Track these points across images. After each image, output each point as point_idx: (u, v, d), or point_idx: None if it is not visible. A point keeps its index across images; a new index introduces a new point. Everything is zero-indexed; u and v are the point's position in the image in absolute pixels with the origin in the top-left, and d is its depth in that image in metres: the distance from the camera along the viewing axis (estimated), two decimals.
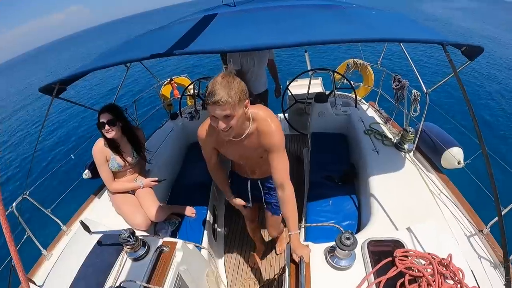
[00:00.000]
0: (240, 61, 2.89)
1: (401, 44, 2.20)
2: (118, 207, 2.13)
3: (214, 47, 1.37)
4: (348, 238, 1.27)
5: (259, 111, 1.38)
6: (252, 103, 1.35)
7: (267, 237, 2.62)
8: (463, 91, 1.21)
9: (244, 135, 1.39)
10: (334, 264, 1.34)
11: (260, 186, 1.82)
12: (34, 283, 1.64)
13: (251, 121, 1.37)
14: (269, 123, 1.36)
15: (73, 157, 2.48)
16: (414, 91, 2.31)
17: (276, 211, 1.88)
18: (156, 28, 2.36)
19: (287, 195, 1.44)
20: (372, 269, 1.28)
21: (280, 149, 1.39)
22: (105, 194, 2.33)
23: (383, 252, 1.35)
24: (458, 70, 1.38)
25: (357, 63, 4.54)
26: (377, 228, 1.67)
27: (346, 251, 1.28)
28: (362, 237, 1.43)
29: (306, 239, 1.86)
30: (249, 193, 1.86)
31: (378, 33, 1.45)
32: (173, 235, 2.22)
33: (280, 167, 1.42)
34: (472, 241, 1.55)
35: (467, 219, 1.65)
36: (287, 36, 1.42)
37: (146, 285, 1.42)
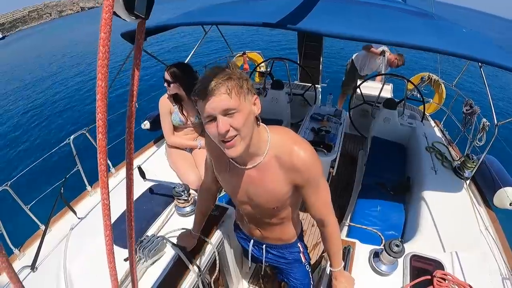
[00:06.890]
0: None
1: (481, 69, 2.10)
2: (173, 161, 2.25)
3: (306, 26, 1.41)
4: (397, 245, 1.29)
5: (278, 135, 0.99)
6: None
7: None
8: None
9: (255, 163, 0.98)
10: (375, 267, 1.36)
11: (264, 252, 1.38)
12: (75, 214, 1.77)
13: (268, 144, 0.97)
14: (297, 149, 0.94)
15: (137, 106, 2.60)
16: (483, 120, 2.21)
17: None
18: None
19: (329, 231, 1.12)
20: (410, 282, 1.32)
21: (319, 181, 1.00)
22: (162, 147, 2.46)
23: (423, 270, 1.37)
24: None
25: (432, 78, 4.38)
26: (421, 245, 1.67)
27: (392, 257, 1.31)
28: (407, 249, 1.44)
29: (348, 236, 1.90)
30: (249, 252, 1.44)
31: (466, 49, 1.42)
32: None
33: (320, 204, 1.05)
34: (505, 286, 1.52)
35: (505, 263, 1.61)
36: (381, 34, 1.43)
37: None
